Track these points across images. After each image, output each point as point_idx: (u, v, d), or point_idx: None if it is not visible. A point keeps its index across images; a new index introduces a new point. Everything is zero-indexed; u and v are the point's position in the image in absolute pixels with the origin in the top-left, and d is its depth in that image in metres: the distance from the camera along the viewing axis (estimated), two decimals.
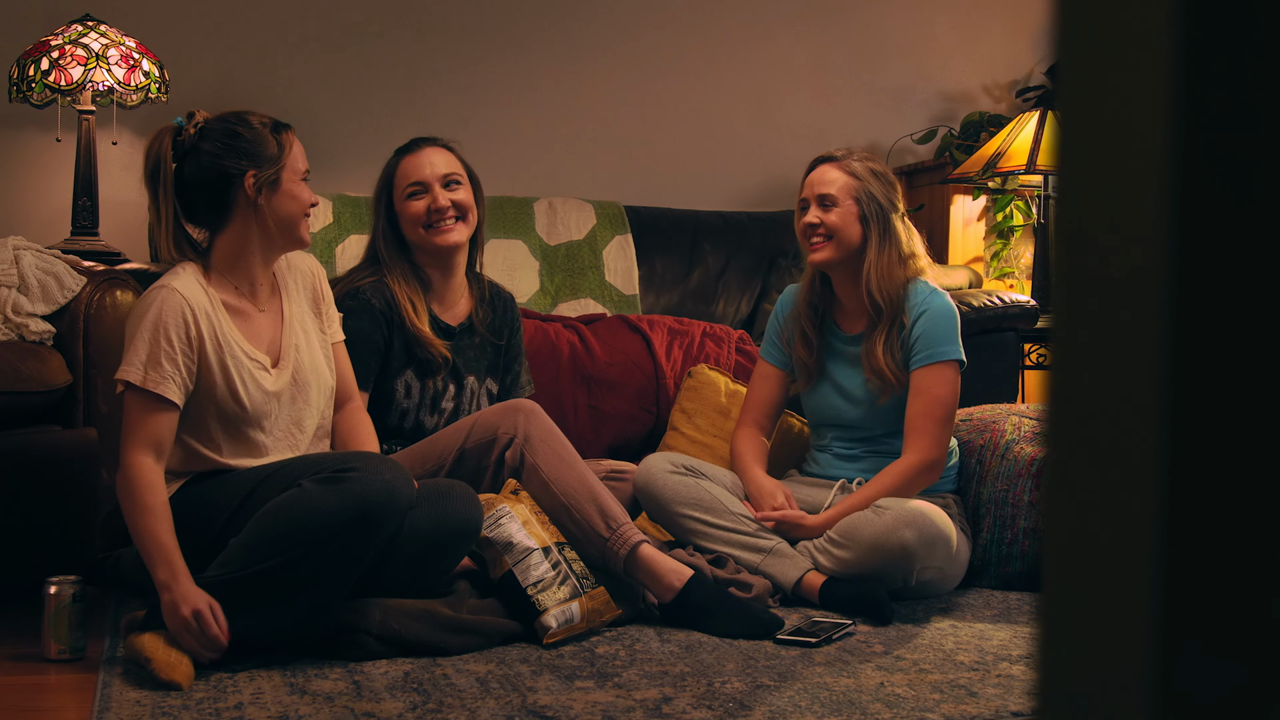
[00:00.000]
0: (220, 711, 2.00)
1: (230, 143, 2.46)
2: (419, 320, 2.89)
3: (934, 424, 2.94)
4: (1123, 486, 0.67)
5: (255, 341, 2.48)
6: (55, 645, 2.34)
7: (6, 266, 2.93)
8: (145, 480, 2.29)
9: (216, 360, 2.40)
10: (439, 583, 2.50)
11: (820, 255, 3.01)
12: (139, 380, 2.32)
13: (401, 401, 2.91)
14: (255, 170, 2.46)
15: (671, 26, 4.83)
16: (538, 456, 2.67)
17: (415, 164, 2.97)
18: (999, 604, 2.90)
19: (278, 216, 2.48)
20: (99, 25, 3.83)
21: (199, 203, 2.49)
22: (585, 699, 2.09)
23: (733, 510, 2.89)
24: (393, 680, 2.18)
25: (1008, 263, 4.74)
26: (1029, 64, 5.19)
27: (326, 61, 4.46)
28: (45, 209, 4.19)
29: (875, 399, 3.00)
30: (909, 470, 2.91)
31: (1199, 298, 0.63)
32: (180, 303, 2.37)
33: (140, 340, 2.34)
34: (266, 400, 2.45)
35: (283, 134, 2.51)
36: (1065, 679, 0.73)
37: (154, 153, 2.47)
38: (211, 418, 2.41)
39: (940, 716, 2.06)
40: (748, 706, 2.07)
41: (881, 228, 2.99)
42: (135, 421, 2.33)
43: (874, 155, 3.11)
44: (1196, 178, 0.63)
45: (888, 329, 2.98)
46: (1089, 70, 0.69)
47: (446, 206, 2.93)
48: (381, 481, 2.29)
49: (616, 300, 4.14)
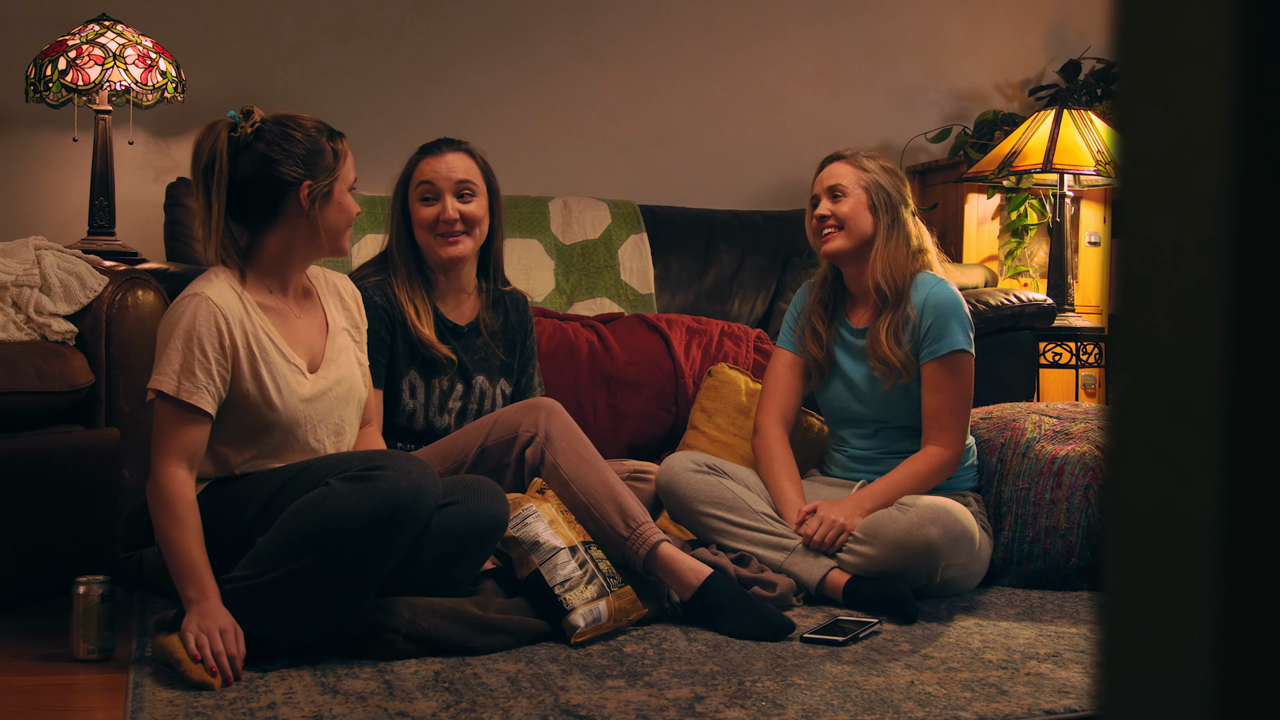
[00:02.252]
0: (254, 711, 2.00)
1: (288, 148, 2.44)
2: (421, 324, 2.89)
3: (955, 418, 2.97)
4: (1182, 493, 0.67)
5: (294, 344, 2.47)
6: (84, 645, 2.34)
7: (29, 266, 2.93)
8: (177, 492, 2.28)
9: (249, 369, 2.38)
10: (466, 580, 2.50)
11: (832, 245, 3.03)
12: (172, 390, 2.30)
13: (407, 402, 2.90)
14: (311, 180, 2.44)
15: (685, 26, 4.83)
16: (558, 455, 2.67)
17: (433, 166, 2.96)
18: (1021, 602, 2.90)
19: (326, 226, 2.48)
20: (115, 25, 3.84)
21: (249, 202, 2.45)
22: (617, 698, 2.09)
23: (755, 509, 2.89)
24: (424, 680, 2.18)
25: (1022, 261, 4.74)
26: (1041, 63, 5.19)
27: (341, 60, 4.46)
28: (61, 209, 4.19)
29: (881, 385, 3.01)
30: (936, 464, 2.93)
31: (1260, 305, 0.63)
32: (214, 311, 2.35)
33: (173, 349, 2.32)
34: (302, 406, 2.44)
35: (338, 142, 2.50)
36: (1127, 684, 0.72)
37: (209, 148, 2.41)
38: (244, 425, 2.40)
39: (973, 715, 2.06)
40: (780, 705, 2.07)
41: (891, 217, 3.03)
42: (167, 431, 2.31)
43: (883, 154, 3.16)
44: (1257, 184, 0.62)
45: (891, 314, 3.00)
46: (1148, 77, 0.69)
47: (454, 219, 2.91)
48: (409, 479, 2.29)
49: (632, 299, 4.14)
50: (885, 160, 3.10)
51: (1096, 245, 4.89)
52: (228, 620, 2.20)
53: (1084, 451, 3.12)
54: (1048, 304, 3.99)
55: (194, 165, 2.43)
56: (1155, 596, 0.71)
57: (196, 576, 2.23)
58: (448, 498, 2.41)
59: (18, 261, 2.94)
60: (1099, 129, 4.30)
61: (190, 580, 2.23)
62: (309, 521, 2.25)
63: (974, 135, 4.89)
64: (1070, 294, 4.38)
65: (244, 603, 2.24)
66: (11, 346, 2.79)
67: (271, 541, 2.27)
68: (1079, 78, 5.01)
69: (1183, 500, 0.67)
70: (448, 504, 2.40)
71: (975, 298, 3.93)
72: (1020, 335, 3.98)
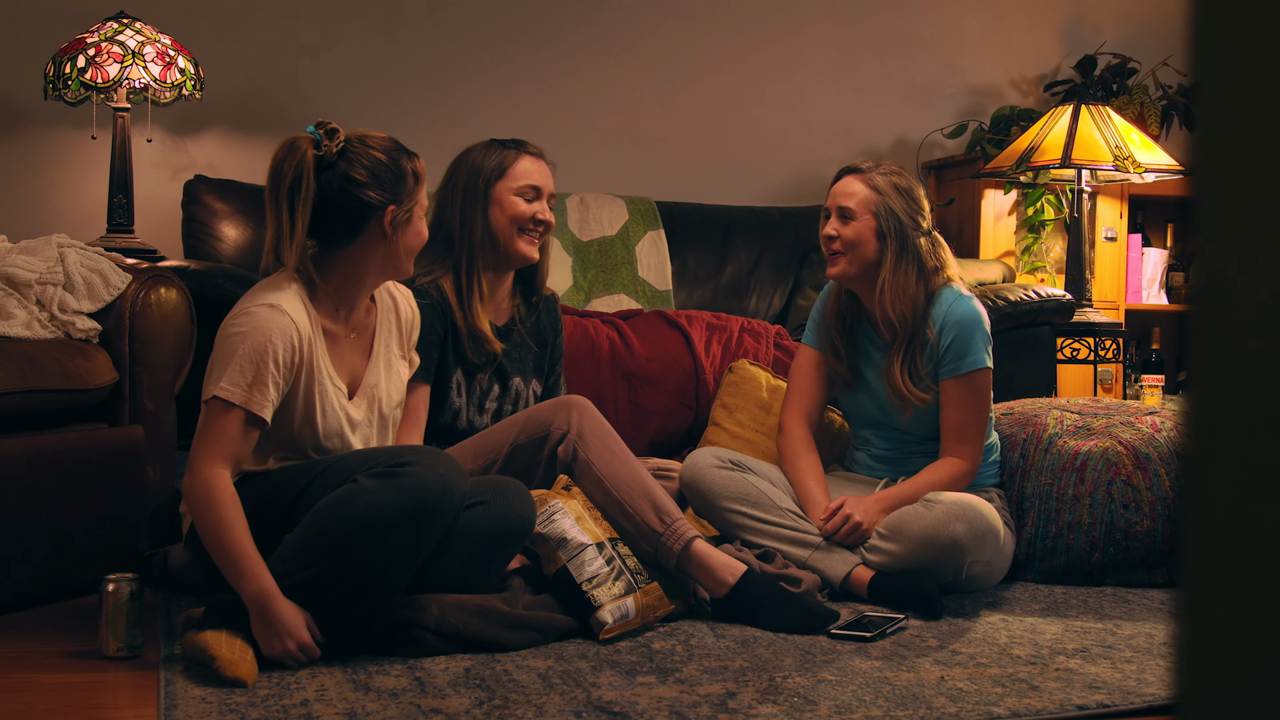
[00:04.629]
0: (287, 709, 2.00)
1: (375, 171, 2.42)
2: (479, 319, 2.87)
3: (975, 432, 2.96)
4: (1261, 493, 0.67)
5: (339, 367, 2.47)
6: (114, 643, 2.34)
7: (52, 264, 2.93)
8: (226, 495, 2.27)
9: (304, 387, 2.38)
10: (492, 580, 2.50)
11: (836, 270, 3.02)
12: (241, 401, 2.29)
13: (455, 400, 2.90)
14: (395, 205, 2.43)
15: (701, 22, 4.82)
16: (590, 451, 2.67)
17: (539, 169, 2.95)
18: (1045, 598, 2.90)
19: (405, 248, 2.48)
20: (134, 22, 3.84)
21: (328, 221, 2.42)
22: (649, 694, 2.09)
23: (780, 505, 2.89)
24: (454, 676, 2.18)
25: (1038, 257, 4.74)
26: (1056, 58, 5.19)
27: (358, 57, 4.47)
28: (79, 207, 4.19)
29: (901, 414, 3.00)
30: (957, 474, 2.93)
31: None
32: (290, 327, 2.34)
33: (245, 359, 2.30)
34: (340, 429, 2.44)
35: (415, 162, 2.49)
36: (1206, 684, 0.72)
37: (295, 165, 2.36)
38: (284, 438, 2.40)
39: (1006, 711, 2.06)
40: (813, 701, 2.07)
41: (899, 245, 2.96)
42: (221, 435, 2.29)
43: (903, 170, 3.05)
44: None
45: (904, 348, 2.97)
46: (1228, 80, 0.68)
47: (550, 222, 2.94)
48: (437, 475, 2.29)
49: (650, 296, 4.14)
50: (902, 178, 3.01)
51: (1113, 241, 4.88)
52: (296, 616, 2.22)
53: (1106, 447, 3.11)
54: (1067, 299, 3.99)
55: (273, 182, 2.38)
56: (1234, 603, 0.70)
57: (254, 571, 2.23)
58: (476, 498, 2.41)
59: (41, 259, 2.94)
60: (1117, 124, 4.29)
61: (248, 576, 2.23)
62: (337, 518, 2.25)
63: (991, 130, 4.88)
64: (1088, 289, 4.38)
65: None
66: (36, 345, 2.79)
67: (300, 538, 2.28)
68: (1094, 73, 5.00)
69: (1266, 510, 0.67)
70: (476, 504, 2.40)
71: (994, 293, 3.92)
72: (1039, 331, 3.98)
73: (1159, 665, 2.34)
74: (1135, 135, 4.30)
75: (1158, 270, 5.06)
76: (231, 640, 2.19)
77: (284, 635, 2.21)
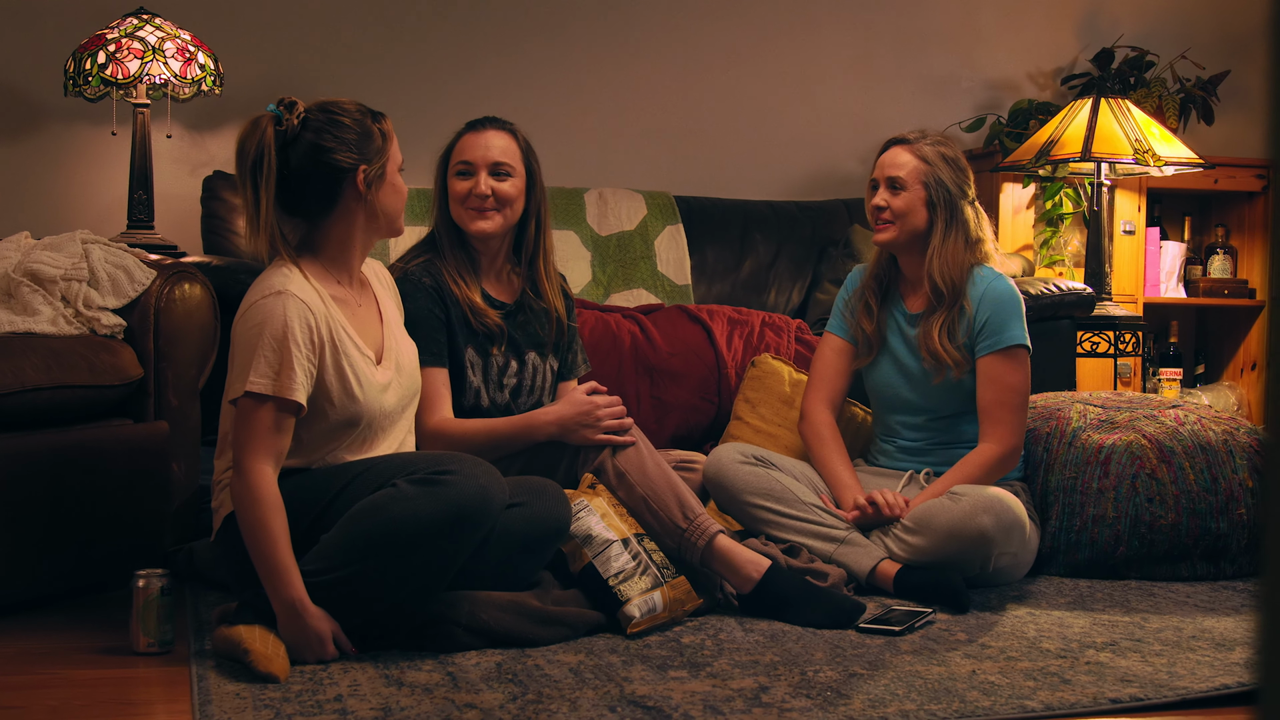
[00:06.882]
0: (321, 704, 2.01)
1: (338, 134, 2.41)
2: (470, 291, 2.87)
3: (1010, 412, 2.95)
4: None
5: (362, 334, 2.47)
6: (144, 639, 2.34)
7: (77, 260, 2.93)
8: (270, 497, 2.25)
9: (333, 362, 2.37)
10: (526, 579, 2.50)
11: (884, 236, 3.03)
12: (270, 389, 2.27)
13: (472, 379, 2.88)
14: (365, 164, 2.43)
15: (719, 16, 4.82)
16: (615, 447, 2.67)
17: (472, 143, 2.93)
18: (1071, 591, 2.90)
19: (384, 208, 2.47)
20: (154, 18, 3.84)
21: (305, 194, 2.42)
22: (682, 689, 2.09)
23: (804, 500, 2.88)
24: (486, 671, 2.18)
25: (1056, 250, 4.73)
26: (1073, 51, 5.18)
27: (376, 52, 4.47)
28: (100, 203, 4.20)
29: (931, 378, 2.99)
30: (989, 460, 2.92)
31: None
32: (302, 307, 2.32)
33: (266, 349, 2.28)
34: (379, 396, 2.43)
35: (382, 123, 2.49)
36: None
37: (256, 142, 2.37)
38: (327, 422, 2.38)
39: (1039, 704, 2.05)
40: (845, 695, 2.07)
41: (948, 214, 2.99)
42: (260, 430, 2.27)
43: (948, 140, 3.09)
44: None
45: (946, 313, 2.98)
46: None
47: (486, 194, 2.88)
48: (477, 486, 2.28)
49: (669, 290, 4.14)
50: (948, 147, 3.05)
51: (1131, 234, 4.87)
52: (324, 627, 2.23)
53: (1130, 441, 3.10)
54: (1087, 293, 3.98)
55: (239, 162, 2.39)
56: None
57: (289, 580, 2.23)
58: (513, 499, 2.41)
59: (65, 255, 2.94)
60: (1137, 118, 4.28)
61: (283, 584, 2.23)
62: (374, 522, 2.25)
63: (1008, 124, 4.87)
64: (1107, 283, 4.37)
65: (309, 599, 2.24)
66: (62, 340, 2.79)
67: (336, 539, 2.27)
68: (1112, 66, 4.99)
69: None
70: (513, 505, 2.40)
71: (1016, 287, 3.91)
72: (1059, 324, 3.97)
73: (1189, 659, 2.34)
74: (1155, 128, 4.29)
75: (1175, 263, 5.05)
76: (265, 635, 2.19)
77: (310, 647, 2.23)
